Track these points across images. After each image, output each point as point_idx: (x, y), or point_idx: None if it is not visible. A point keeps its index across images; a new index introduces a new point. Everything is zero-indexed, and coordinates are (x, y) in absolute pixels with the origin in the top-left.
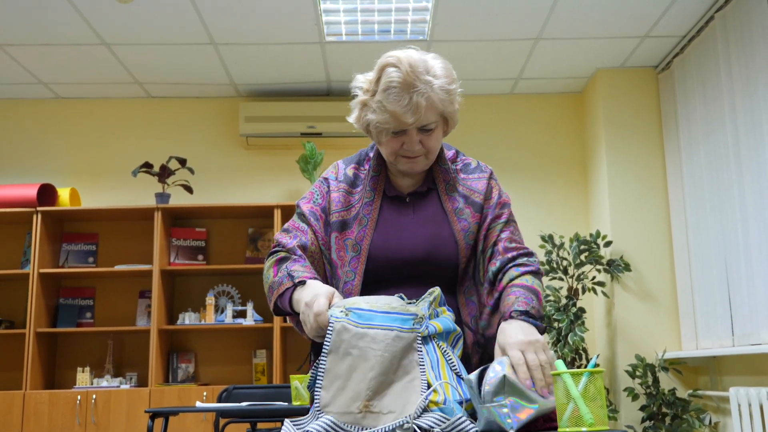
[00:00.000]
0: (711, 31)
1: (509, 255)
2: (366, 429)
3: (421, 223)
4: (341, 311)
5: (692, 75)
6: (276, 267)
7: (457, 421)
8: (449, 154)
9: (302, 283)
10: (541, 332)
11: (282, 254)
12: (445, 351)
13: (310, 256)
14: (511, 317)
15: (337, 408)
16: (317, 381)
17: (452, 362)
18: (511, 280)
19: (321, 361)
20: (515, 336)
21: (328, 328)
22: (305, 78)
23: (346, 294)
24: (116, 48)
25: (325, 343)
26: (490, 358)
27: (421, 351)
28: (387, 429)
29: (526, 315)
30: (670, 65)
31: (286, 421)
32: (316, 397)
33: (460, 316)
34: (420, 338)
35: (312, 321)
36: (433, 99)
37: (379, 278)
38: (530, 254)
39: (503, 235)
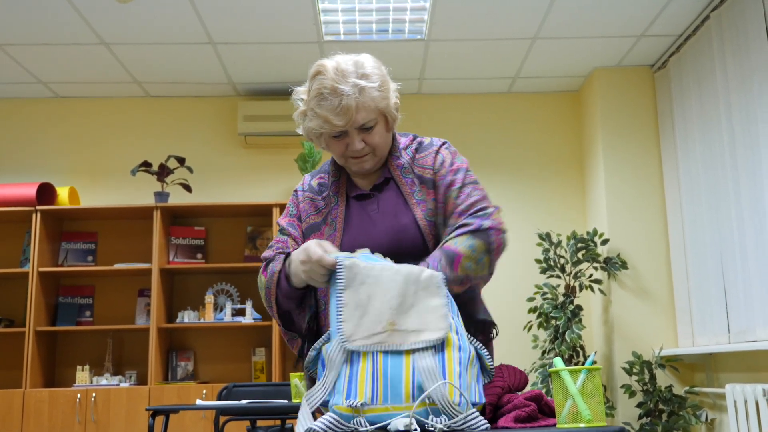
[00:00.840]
0: (707, 30)
1: (460, 220)
2: (393, 347)
3: (384, 216)
4: (346, 255)
5: (688, 74)
6: (264, 271)
7: (468, 417)
8: (404, 141)
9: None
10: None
11: (267, 262)
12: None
13: None
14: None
15: (362, 333)
16: (338, 316)
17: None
18: (442, 243)
19: (338, 299)
20: None
21: (338, 266)
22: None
23: (321, 295)
24: (115, 47)
25: (338, 280)
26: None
27: (443, 285)
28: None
29: None
30: (666, 64)
31: (304, 398)
32: (339, 330)
33: None
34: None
35: (318, 269)
36: (363, 99)
37: None
38: (480, 210)
39: (458, 201)
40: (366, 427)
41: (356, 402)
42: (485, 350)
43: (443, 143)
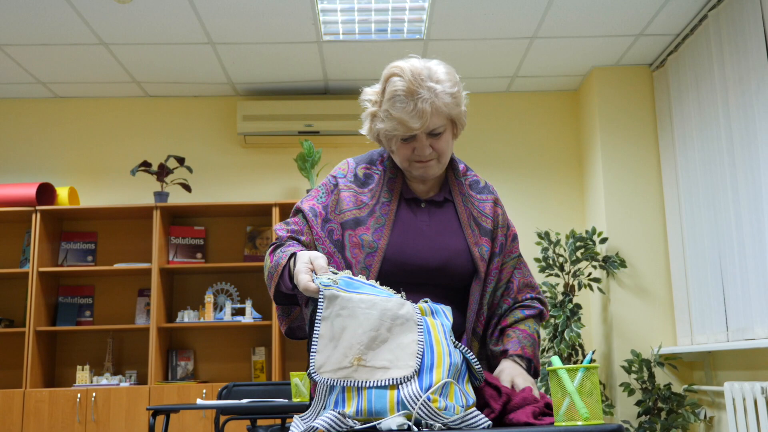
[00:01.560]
0: (705, 30)
1: (521, 296)
2: (359, 382)
3: (437, 232)
4: (328, 278)
5: (686, 73)
6: (272, 255)
7: (467, 414)
8: (460, 167)
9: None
10: (534, 375)
11: (277, 244)
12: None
13: (304, 245)
14: (511, 357)
15: (330, 366)
16: (313, 347)
17: (450, 335)
18: (516, 321)
19: (315, 330)
20: (511, 371)
21: (319, 296)
22: (303, 77)
23: None
24: (114, 48)
25: (318, 311)
26: (482, 352)
27: (420, 321)
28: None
29: (521, 358)
30: (665, 63)
31: (295, 417)
32: (311, 363)
33: (465, 322)
34: (417, 308)
35: (305, 293)
36: (438, 104)
37: (391, 280)
38: (539, 297)
39: (517, 273)
40: (357, 425)
41: (343, 412)
42: (471, 354)
43: (497, 196)
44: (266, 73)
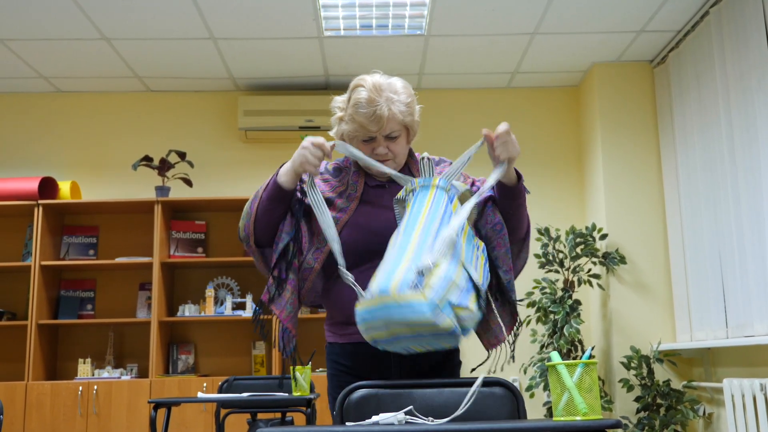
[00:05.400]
0: (706, 26)
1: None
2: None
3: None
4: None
5: (687, 69)
6: (253, 194)
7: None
8: (416, 154)
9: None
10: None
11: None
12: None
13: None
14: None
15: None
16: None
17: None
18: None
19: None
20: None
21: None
22: (303, 72)
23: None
24: (116, 42)
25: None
26: None
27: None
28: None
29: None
30: (666, 59)
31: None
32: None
33: None
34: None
35: (313, 150)
36: (394, 111)
37: (355, 249)
38: None
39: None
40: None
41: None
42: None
43: (451, 162)
44: (267, 69)
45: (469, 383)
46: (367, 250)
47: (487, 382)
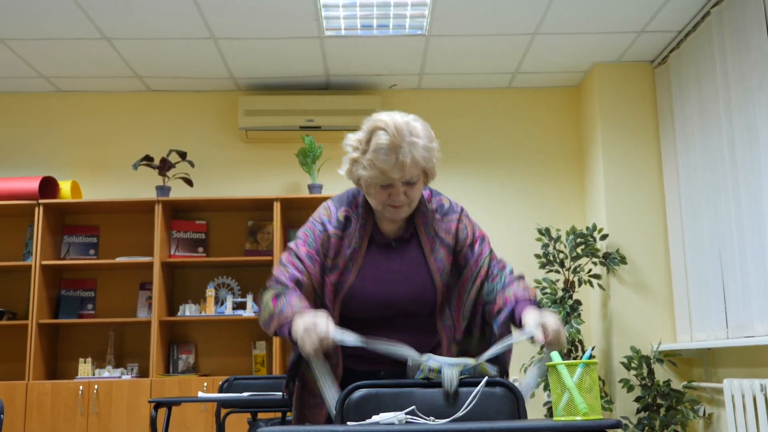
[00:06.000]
0: (707, 27)
1: (499, 271)
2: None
3: (406, 268)
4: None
5: (688, 70)
6: (275, 300)
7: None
8: (425, 194)
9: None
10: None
11: (280, 289)
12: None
13: (305, 293)
14: (530, 303)
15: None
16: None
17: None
18: (511, 282)
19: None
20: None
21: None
22: (304, 72)
23: None
24: (117, 42)
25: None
26: (464, 353)
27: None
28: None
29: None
30: (667, 60)
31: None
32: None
33: (439, 336)
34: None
35: (315, 342)
36: (416, 157)
37: (356, 317)
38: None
39: (493, 263)
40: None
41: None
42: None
43: (461, 210)
44: (268, 69)
45: (470, 383)
46: (362, 318)
47: (488, 383)
